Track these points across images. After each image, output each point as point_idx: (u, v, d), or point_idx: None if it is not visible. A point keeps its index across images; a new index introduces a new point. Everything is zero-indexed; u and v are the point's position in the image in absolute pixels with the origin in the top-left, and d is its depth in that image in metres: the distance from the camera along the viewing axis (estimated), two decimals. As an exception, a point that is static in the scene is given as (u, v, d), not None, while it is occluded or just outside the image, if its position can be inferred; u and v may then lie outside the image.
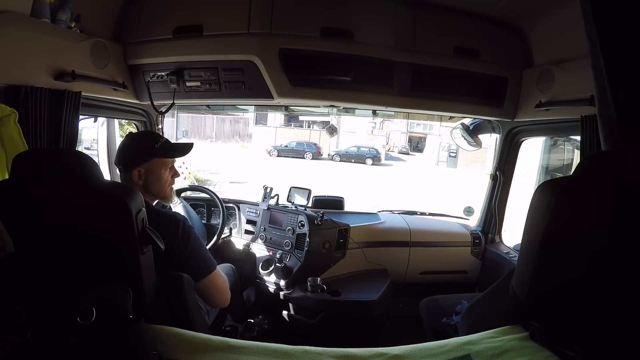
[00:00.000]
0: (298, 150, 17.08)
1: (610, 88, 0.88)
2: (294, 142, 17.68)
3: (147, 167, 1.29)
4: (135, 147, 1.31)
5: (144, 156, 1.29)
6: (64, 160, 0.95)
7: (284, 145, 17.44)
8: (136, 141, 1.34)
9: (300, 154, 16.97)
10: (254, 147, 17.87)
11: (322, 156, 17.34)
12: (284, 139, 18.04)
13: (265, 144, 17.86)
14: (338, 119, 17.70)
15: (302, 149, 17.21)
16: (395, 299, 2.20)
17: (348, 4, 1.70)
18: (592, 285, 0.84)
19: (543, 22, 1.71)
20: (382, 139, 20.13)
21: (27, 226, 0.92)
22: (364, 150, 17.37)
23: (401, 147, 21.01)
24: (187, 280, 1.17)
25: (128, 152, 1.31)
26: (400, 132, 21.15)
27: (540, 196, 0.87)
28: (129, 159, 1.29)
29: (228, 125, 19.37)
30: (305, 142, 17.71)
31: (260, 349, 0.85)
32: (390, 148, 20.66)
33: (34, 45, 1.29)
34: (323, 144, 17.83)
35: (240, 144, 18.84)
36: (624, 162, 0.84)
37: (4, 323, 0.74)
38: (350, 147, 17.63)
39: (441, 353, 0.85)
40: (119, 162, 1.31)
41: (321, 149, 17.55)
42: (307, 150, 17.15)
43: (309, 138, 18.49)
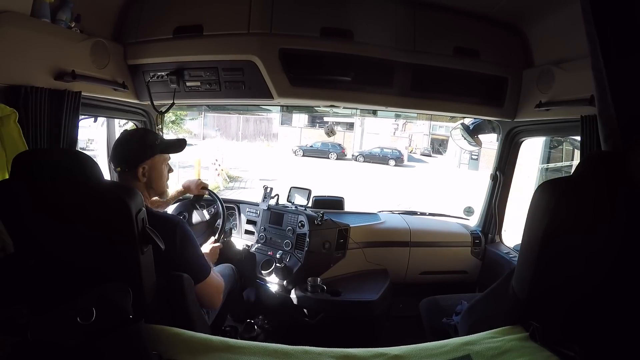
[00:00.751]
0: (323, 151, 17.47)
1: (610, 88, 0.88)
2: (319, 143, 17.97)
3: (151, 164, 1.31)
4: (139, 144, 1.32)
5: (147, 153, 1.30)
6: (64, 160, 0.95)
7: (309, 145, 17.82)
8: (139, 139, 1.34)
9: (325, 154, 17.36)
10: (279, 147, 18.22)
11: (346, 157, 17.69)
12: (309, 139, 18.40)
13: (290, 143, 18.20)
14: (362, 120, 18.08)
15: (326, 149, 17.56)
16: (395, 299, 2.20)
17: (348, 4, 1.70)
18: (592, 285, 0.84)
19: (543, 22, 1.71)
20: (405, 141, 20.30)
21: (27, 226, 0.92)
22: (387, 152, 17.66)
23: (423, 149, 21.14)
24: (187, 280, 1.17)
25: (132, 149, 1.30)
26: (423, 134, 21.25)
27: (540, 196, 0.87)
28: (134, 157, 1.29)
29: (252, 125, 19.71)
30: (329, 143, 17.96)
31: (260, 349, 0.85)
32: (413, 150, 20.83)
33: (34, 45, 1.29)
34: (347, 145, 18.18)
35: (265, 144, 19.21)
36: (624, 162, 0.84)
37: (4, 323, 0.74)
38: (373, 148, 17.91)
39: (441, 353, 0.85)
40: (122, 160, 1.29)
41: (345, 149, 17.93)
42: (332, 151, 17.51)
43: (333, 139, 18.18)
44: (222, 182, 10.08)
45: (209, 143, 14.07)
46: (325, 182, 10.52)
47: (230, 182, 10.34)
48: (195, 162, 10.15)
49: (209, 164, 10.42)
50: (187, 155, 10.61)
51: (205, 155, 10.44)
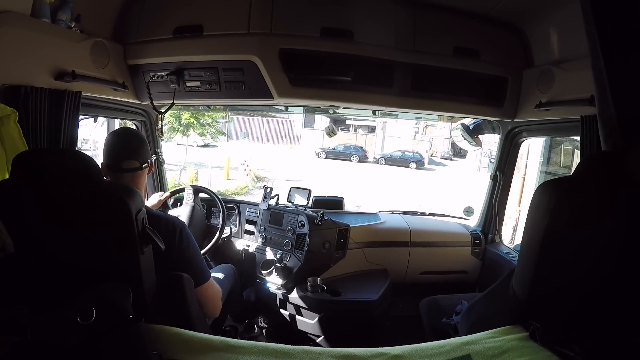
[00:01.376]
0: (345, 153, 17.75)
1: (610, 88, 0.88)
2: (341, 145, 18.21)
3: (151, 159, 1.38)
4: (145, 142, 1.37)
5: (149, 149, 1.39)
6: (64, 160, 0.95)
7: (332, 147, 18.09)
8: (142, 135, 1.42)
9: (347, 156, 17.62)
10: (302, 149, 18.66)
11: (368, 159, 17.96)
12: (332, 142, 18.56)
13: (312, 146, 18.52)
14: (383, 123, 18.55)
15: (349, 151, 17.87)
16: (395, 299, 2.20)
17: (348, 4, 1.70)
18: (592, 285, 0.84)
19: (543, 22, 1.71)
20: (426, 144, 20.46)
21: (27, 226, 0.92)
22: (408, 155, 17.91)
23: (444, 152, 21.21)
24: (187, 280, 1.17)
25: (145, 144, 1.35)
26: (444, 137, 21.21)
27: (540, 196, 0.87)
28: (147, 153, 1.34)
29: (274, 127, 20.19)
30: (352, 145, 18.33)
31: (260, 349, 0.85)
32: (434, 153, 20.95)
33: (34, 45, 1.29)
34: (369, 148, 18.55)
35: (288, 146, 19.62)
36: (624, 162, 0.84)
37: (4, 323, 0.74)
38: (394, 151, 18.20)
39: (441, 353, 0.85)
40: (140, 156, 1.28)
41: (367, 152, 18.23)
42: (354, 153, 17.82)
43: (355, 141, 19.24)
44: (251, 182, 10.52)
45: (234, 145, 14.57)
46: (348, 184, 11.16)
47: (258, 182, 10.69)
48: (225, 161, 10.82)
49: (238, 165, 10.98)
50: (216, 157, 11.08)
51: (234, 156, 11.15)
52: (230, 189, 9.49)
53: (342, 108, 2.14)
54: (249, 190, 9.48)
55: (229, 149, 13.15)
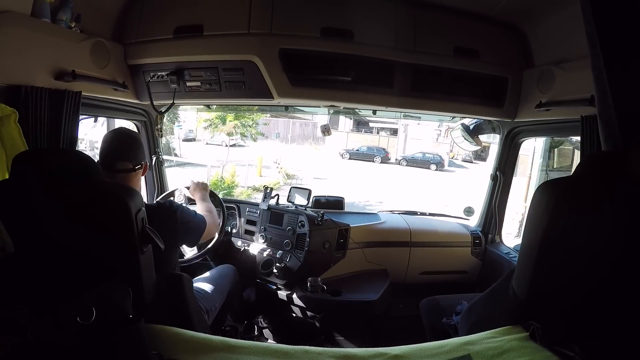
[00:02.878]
0: (368, 154, 18.22)
1: (610, 88, 0.88)
2: (365, 147, 18.77)
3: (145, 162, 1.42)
4: (140, 143, 1.41)
5: (145, 151, 1.46)
6: (64, 160, 0.95)
7: (355, 149, 18.63)
8: (138, 137, 1.44)
9: (370, 157, 18.05)
10: (326, 150, 19.24)
11: (390, 160, 18.41)
12: (355, 143, 19.31)
13: (337, 147, 18.99)
14: (405, 126, 19.01)
15: (372, 153, 18.34)
16: (395, 299, 2.20)
17: (348, 4, 1.70)
18: (592, 285, 0.84)
19: (543, 22, 1.71)
20: (447, 147, 20.61)
21: (27, 226, 0.92)
22: (428, 157, 18.21)
23: (465, 155, 20.98)
24: (187, 280, 1.18)
25: (141, 147, 1.40)
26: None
27: (540, 196, 0.87)
28: (141, 155, 1.39)
29: (298, 128, 20.66)
30: (375, 147, 18.80)
31: (260, 349, 0.85)
32: (455, 156, 21.01)
33: (34, 45, 1.29)
34: (391, 149, 19.10)
35: (314, 147, 20.21)
36: (624, 162, 0.84)
37: (4, 323, 0.74)
38: (416, 153, 18.57)
39: (441, 353, 0.85)
40: (135, 157, 1.35)
41: (389, 153, 18.69)
42: (377, 155, 18.23)
43: (377, 143, 19.70)
44: (282, 179, 11.39)
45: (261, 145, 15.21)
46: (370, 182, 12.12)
47: (288, 179, 11.61)
48: (258, 160, 11.84)
49: (269, 163, 12.23)
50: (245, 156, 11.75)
51: (266, 156, 12.28)
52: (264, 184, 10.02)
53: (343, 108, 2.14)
54: (281, 186, 10.09)
55: (257, 149, 13.77)
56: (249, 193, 9.32)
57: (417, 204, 9.15)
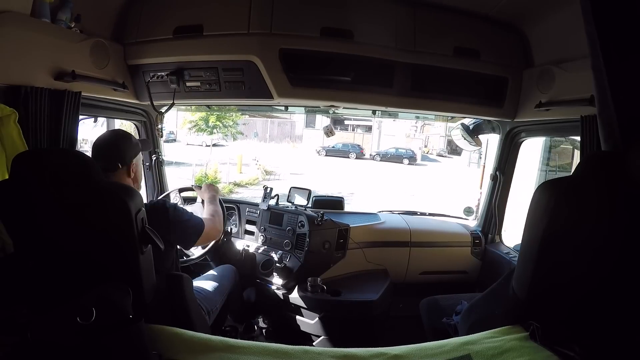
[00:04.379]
0: (344, 151, 19.21)
1: (610, 88, 0.88)
2: (340, 144, 19.65)
3: (137, 161, 1.40)
4: (128, 142, 1.37)
5: (135, 150, 1.39)
6: (64, 160, 0.95)
7: (331, 146, 19.49)
8: (126, 137, 1.40)
9: (346, 154, 19.05)
10: (303, 148, 20.27)
11: (365, 156, 19.47)
12: (331, 141, 19.74)
13: (313, 144, 19.96)
14: (379, 123, 19.83)
15: (347, 149, 19.32)
16: (395, 299, 2.20)
17: (348, 4, 1.70)
18: (592, 285, 0.84)
19: (543, 22, 1.71)
20: (419, 142, 21.92)
21: (27, 226, 0.92)
22: (401, 152, 19.25)
23: (439, 149, 22.50)
24: (187, 280, 1.18)
25: (123, 147, 1.35)
26: (439, 135, 22.37)
27: (540, 196, 0.87)
28: (125, 154, 1.35)
29: (277, 127, 21.56)
30: (350, 144, 19.85)
31: (260, 349, 0.85)
32: (429, 151, 22.28)
33: (34, 45, 1.28)
34: (366, 146, 20.03)
35: (291, 145, 21.20)
36: (624, 162, 0.84)
37: (4, 323, 0.74)
38: (389, 149, 19.59)
39: (441, 353, 0.85)
40: (116, 158, 1.32)
41: (364, 149, 19.69)
42: (352, 151, 19.23)
43: (353, 140, 20.79)
44: (261, 175, 12.37)
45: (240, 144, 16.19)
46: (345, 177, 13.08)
47: (266, 175, 12.64)
48: (238, 158, 12.67)
49: (248, 161, 13.12)
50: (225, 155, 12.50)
51: (245, 154, 13.15)
52: (244, 180, 11.35)
53: (342, 108, 2.14)
54: (259, 181, 11.30)
55: (237, 148, 14.69)
56: (230, 188, 10.03)
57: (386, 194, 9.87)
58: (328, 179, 12.16)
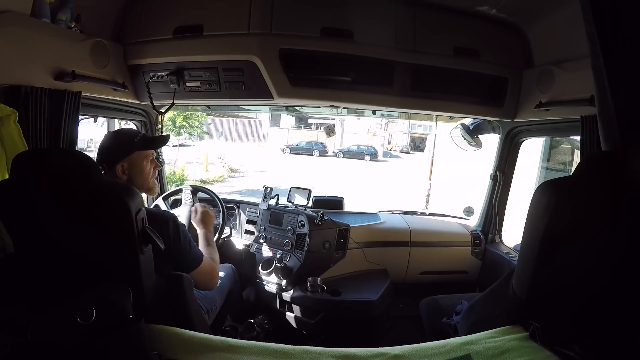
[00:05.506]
0: (307, 149, 19.68)
1: (610, 88, 0.88)
2: (304, 142, 20.27)
3: (130, 161, 1.32)
4: (116, 143, 1.33)
5: (125, 150, 1.32)
6: (64, 160, 0.95)
7: (295, 144, 20.09)
8: (116, 138, 1.36)
9: (309, 151, 19.50)
10: (268, 146, 20.74)
11: (328, 153, 19.87)
12: (295, 139, 20.83)
13: (279, 143, 20.44)
14: (342, 121, 20.25)
15: (310, 147, 19.80)
16: (395, 299, 2.20)
17: (348, 4, 1.70)
18: (591, 285, 0.84)
19: (543, 22, 1.71)
20: (380, 139, 22.61)
21: (27, 226, 0.92)
22: (363, 149, 19.85)
23: (402, 146, 23.32)
24: (187, 280, 1.18)
25: (109, 148, 1.32)
26: (403, 132, 23.33)
27: (540, 196, 0.87)
28: (112, 155, 1.31)
29: (242, 127, 21.97)
30: (313, 142, 20.29)
31: (260, 349, 0.85)
32: (393, 147, 23.00)
33: (34, 45, 1.29)
34: (329, 143, 20.34)
35: (257, 144, 21.75)
36: (624, 162, 0.84)
37: (4, 323, 0.74)
38: (351, 146, 20.07)
39: (441, 353, 0.85)
40: (102, 160, 1.30)
41: (327, 147, 20.10)
42: (315, 149, 19.72)
43: (316, 138, 21.01)
44: (226, 173, 12.86)
45: (207, 144, 16.56)
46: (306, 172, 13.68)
47: (232, 172, 13.18)
48: (204, 156, 12.98)
49: (214, 160, 13.45)
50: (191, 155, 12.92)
51: (211, 153, 13.53)
52: (210, 177, 11.73)
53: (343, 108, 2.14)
54: (225, 179, 11.89)
55: (203, 147, 15.17)
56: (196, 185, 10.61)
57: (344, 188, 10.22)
58: (290, 175, 12.37)
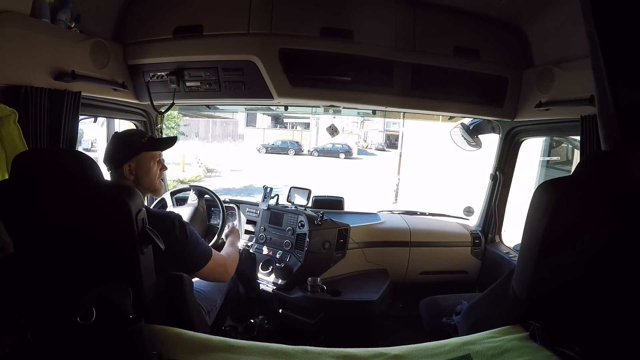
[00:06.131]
0: (283, 148, 19.91)
1: (610, 88, 0.88)
2: (279, 141, 20.52)
3: (137, 162, 1.32)
4: (123, 144, 1.34)
5: (132, 151, 1.32)
6: (64, 160, 0.95)
7: (271, 143, 20.29)
8: (123, 139, 1.37)
9: (285, 150, 19.75)
10: (245, 146, 21.00)
11: (303, 152, 20.20)
12: (271, 139, 21.00)
13: (255, 143, 20.76)
14: (317, 120, 20.25)
15: (286, 146, 20.09)
16: (395, 299, 2.20)
17: (348, 4, 1.70)
18: (592, 285, 0.84)
19: (543, 22, 1.71)
20: (355, 137, 22.86)
21: (27, 226, 0.92)
22: (337, 147, 20.00)
23: (378, 144, 23.73)
24: (187, 280, 1.18)
25: (117, 149, 1.33)
26: (378, 130, 23.73)
27: (540, 196, 0.87)
28: (119, 156, 1.32)
29: (219, 127, 22.24)
30: (288, 141, 20.67)
31: (260, 349, 0.85)
32: (368, 145, 23.35)
33: (34, 45, 1.28)
34: (304, 142, 21.09)
35: (233, 144, 22.03)
36: (624, 162, 0.84)
37: (4, 323, 0.74)
38: (326, 144, 20.24)
39: (441, 353, 0.85)
40: (110, 160, 1.32)
41: (302, 146, 20.59)
42: (290, 148, 20.00)
43: (292, 137, 21.58)
44: (202, 173, 13.14)
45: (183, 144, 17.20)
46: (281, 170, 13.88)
47: (208, 172, 13.47)
48: (181, 157, 13.20)
49: (191, 160, 13.76)
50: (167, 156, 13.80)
51: (187, 153, 13.74)
52: (187, 177, 12.00)
53: (343, 108, 2.14)
54: (202, 178, 12.13)
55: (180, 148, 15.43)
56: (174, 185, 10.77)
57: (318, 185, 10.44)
58: (266, 174, 12.66)
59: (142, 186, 1.35)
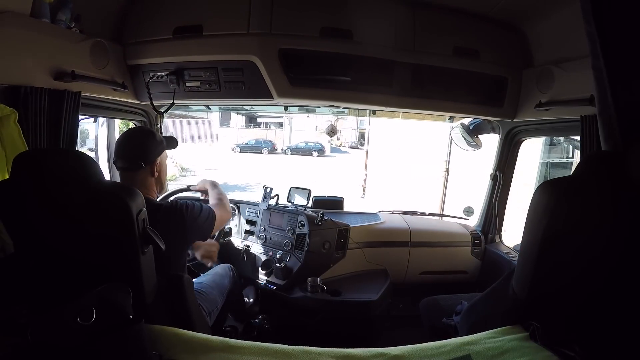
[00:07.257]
0: (256, 147, 20.31)
1: (610, 88, 0.88)
2: (253, 140, 20.98)
3: (161, 159, 1.38)
4: (154, 140, 1.37)
5: (160, 148, 1.38)
6: (64, 160, 0.95)
7: (245, 143, 20.72)
8: (150, 135, 1.39)
9: (259, 149, 20.13)
10: (219, 146, 21.32)
11: (277, 151, 20.53)
12: (245, 138, 21.44)
13: (229, 142, 21.15)
14: (290, 119, 20.92)
15: (260, 145, 20.50)
16: (395, 299, 2.20)
17: (348, 4, 1.70)
18: (592, 285, 0.84)
19: (543, 22, 1.71)
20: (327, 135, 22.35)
21: (27, 226, 0.92)
22: (310, 145, 20.53)
23: (351, 142, 24.06)
24: (187, 281, 1.18)
25: (147, 146, 1.35)
26: (352, 128, 23.96)
27: (540, 196, 0.87)
28: (150, 153, 1.34)
29: (193, 128, 22.19)
30: (262, 140, 21.08)
31: (260, 349, 0.84)
32: (342, 143, 23.69)
33: (34, 45, 1.29)
34: (278, 141, 21.53)
35: (208, 144, 22.15)
36: (624, 162, 0.84)
37: (4, 323, 0.74)
38: (299, 143, 20.85)
39: (441, 353, 0.85)
40: (139, 156, 1.31)
41: (276, 145, 20.96)
42: (264, 147, 20.40)
43: (265, 136, 22.10)
44: (178, 172, 13.30)
45: None
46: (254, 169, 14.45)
47: (183, 171, 13.71)
48: None
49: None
50: None
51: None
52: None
53: (343, 108, 2.14)
54: (177, 177, 12.27)
55: None
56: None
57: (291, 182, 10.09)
58: (240, 172, 13.14)
59: (160, 182, 1.39)
